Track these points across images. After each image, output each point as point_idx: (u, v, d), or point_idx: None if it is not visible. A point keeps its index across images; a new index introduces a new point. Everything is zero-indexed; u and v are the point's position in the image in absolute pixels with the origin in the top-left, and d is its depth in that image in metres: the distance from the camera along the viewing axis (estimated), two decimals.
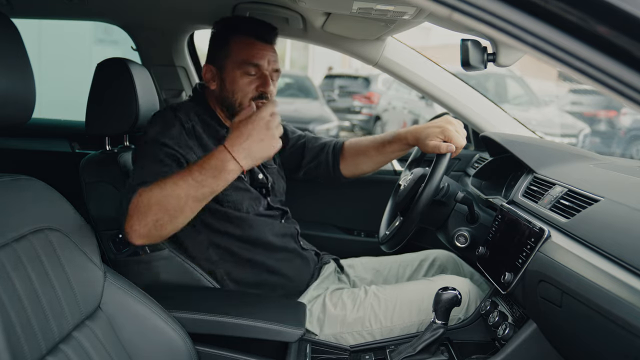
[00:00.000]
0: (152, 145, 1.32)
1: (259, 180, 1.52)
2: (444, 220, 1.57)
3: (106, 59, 1.57)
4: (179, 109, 1.43)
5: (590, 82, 0.55)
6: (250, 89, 1.45)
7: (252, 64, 1.44)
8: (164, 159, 1.29)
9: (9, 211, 0.89)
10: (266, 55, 1.47)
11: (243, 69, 1.44)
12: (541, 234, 1.14)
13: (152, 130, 1.36)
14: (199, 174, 1.15)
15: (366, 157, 1.66)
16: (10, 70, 0.89)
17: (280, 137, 1.65)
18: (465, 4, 0.55)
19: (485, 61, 1.33)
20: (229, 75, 1.46)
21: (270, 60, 1.47)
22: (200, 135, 1.42)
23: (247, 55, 1.45)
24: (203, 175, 1.15)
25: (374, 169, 1.69)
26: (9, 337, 0.77)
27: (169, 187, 1.15)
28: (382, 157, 1.64)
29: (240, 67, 1.44)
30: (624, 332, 0.82)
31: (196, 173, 1.15)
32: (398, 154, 1.64)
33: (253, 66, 1.44)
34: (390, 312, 1.40)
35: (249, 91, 1.45)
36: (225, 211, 1.42)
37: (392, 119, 9.59)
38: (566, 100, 9.34)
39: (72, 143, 2.36)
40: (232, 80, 1.46)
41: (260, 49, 1.47)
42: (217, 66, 1.48)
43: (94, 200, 1.53)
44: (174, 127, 1.37)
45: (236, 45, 1.46)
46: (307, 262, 1.54)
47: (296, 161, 1.71)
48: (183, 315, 1.17)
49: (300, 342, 1.29)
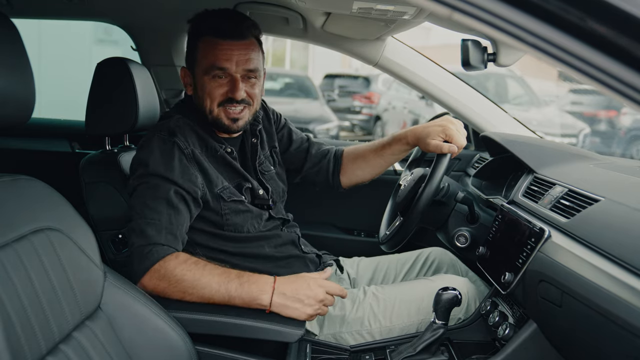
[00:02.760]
0: (155, 179, 1.27)
1: (259, 197, 1.45)
2: (444, 220, 1.57)
3: (106, 58, 1.57)
4: (176, 132, 1.33)
5: (590, 82, 0.55)
6: (218, 94, 1.35)
7: (218, 67, 1.33)
8: (172, 198, 1.25)
9: (9, 211, 0.89)
10: (233, 56, 1.33)
11: (210, 74, 1.34)
12: (541, 234, 1.14)
13: (152, 161, 1.28)
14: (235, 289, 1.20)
15: (365, 162, 1.63)
16: (10, 70, 0.89)
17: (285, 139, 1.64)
18: (465, 4, 0.55)
19: (486, 61, 1.34)
20: (199, 80, 1.37)
21: (239, 60, 1.34)
22: (200, 160, 1.34)
23: (212, 58, 1.33)
24: (237, 293, 1.19)
25: (373, 175, 1.66)
26: (8, 337, 0.77)
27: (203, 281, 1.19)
28: (381, 160, 1.61)
29: (207, 72, 1.35)
30: (624, 332, 0.81)
31: (233, 286, 1.20)
32: (398, 157, 1.61)
33: (219, 69, 1.33)
34: (390, 312, 1.40)
35: (217, 96, 1.35)
36: (224, 234, 1.39)
37: (392, 119, 9.58)
38: (566, 100, 9.34)
39: (72, 143, 2.36)
40: (201, 86, 1.37)
41: (227, 49, 1.33)
42: (191, 71, 1.40)
43: (94, 200, 1.53)
44: (174, 157, 1.29)
45: (202, 48, 1.36)
46: (307, 266, 1.53)
47: (298, 165, 1.69)
48: (183, 315, 1.17)
49: (300, 342, 1.29)
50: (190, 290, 1.19)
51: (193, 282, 1.19)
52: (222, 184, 1.37)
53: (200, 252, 1.37)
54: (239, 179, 1.42)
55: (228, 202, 1.36)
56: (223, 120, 1.38)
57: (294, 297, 1.20)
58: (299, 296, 1.20)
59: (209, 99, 1.36)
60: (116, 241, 1.58)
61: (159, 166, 1.27)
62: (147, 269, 1.18)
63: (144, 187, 1.27)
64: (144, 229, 1.21)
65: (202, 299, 1.20)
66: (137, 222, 1.23)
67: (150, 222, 1.22)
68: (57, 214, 0.99)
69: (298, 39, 1.98)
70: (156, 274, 1.19)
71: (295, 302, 1.20)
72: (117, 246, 1.59)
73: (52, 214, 0.98)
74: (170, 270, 1.19)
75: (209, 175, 1.35)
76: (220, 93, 1.36)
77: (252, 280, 1.21)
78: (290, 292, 1.20)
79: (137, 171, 1.31)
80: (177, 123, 1.36)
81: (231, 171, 1.42)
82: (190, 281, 1.19)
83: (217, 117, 1.37)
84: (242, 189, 1.41)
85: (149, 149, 1.31)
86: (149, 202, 1.24)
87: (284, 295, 1.20)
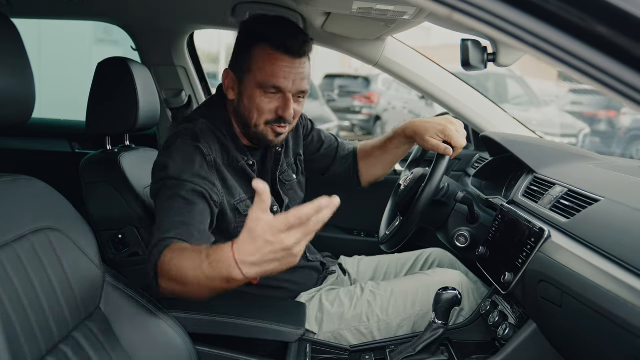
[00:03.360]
0: (173, 182, 1.20)
1: (273, 212, 1.35)
2: (444, 220, 1.57)
3: (107, 58, 1.57)
4: (199, 138, 1.27)
5: (590, 82, 0.55)
6: (268, 110, 1.29)
7: (274, 85, 1.26)
8: (188, 195, 1.17)
9: (9, 211, 0.89)
10: (291, 75, 1.27)
11: (262, 88, 1.27)
12: (541, 234, 1.14)
13: (171, 164, 1.22)
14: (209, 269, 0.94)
15: (375, 159, 1.65)
16: (10, 70, 0.89)
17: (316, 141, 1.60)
18: (465, 4, 0.55)
19: (485, 61, 1.34)
20: (247, 90, 1.29)
21: (295, 80, 1.27)
22: (221, 169, 1.29)
23: (270, 74, 1.26)
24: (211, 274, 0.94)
25: (385, 171, 1.67)
26: (8, 337, 0.77)
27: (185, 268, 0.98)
28: (388, 155, 1.62)
29: (261, 86, 1.27)
30: (624, 332, 0.82)
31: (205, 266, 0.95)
32: (401, 149, 1.60)
33: (275, 87, 1.27)
34: (386, 305, 1.40)
35: (266, 113, 1.29)
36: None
37: (392, 119, 9.58)
38: (566, 100, 9.34)
39: (72, 143, 2.36)
40: (249, 97, 1.29)
41: (286, 66, 1.26)
42: (237, 75, 1.32)
43: (94, 201, 1.53)
44: (196, 162, 1.23)
45: (259, 58, 1.27)
46: (311, 274, 1.53)
47: (325, 165, 1.68)
48: (183, 315, 1.17)
49: (300, 342, 1.29)
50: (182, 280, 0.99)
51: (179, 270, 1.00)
52: (239, 196, 1.32)
53: None
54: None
55: (243, 216, 1.31)
56: (268, 136, 1.33)
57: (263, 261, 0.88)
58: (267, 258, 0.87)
59: (257, 113, 1.30)
60: (116, 241, 1.58)
61: (179, 170, 1.21)
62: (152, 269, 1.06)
63: (163, 191, 1.21)
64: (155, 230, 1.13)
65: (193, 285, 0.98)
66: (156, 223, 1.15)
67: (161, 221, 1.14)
68: (57, 214, 0.99)
69: None
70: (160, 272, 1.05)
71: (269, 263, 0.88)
72: (117, 246, 1.59)
73: (52, 214, 0.98)
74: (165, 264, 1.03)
75: (228, 186, 1.30)
76: (270, 109, 1.29)
77: (217, 259, 0.93)
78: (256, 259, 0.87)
79: (156, 175, 1.26)
80: (202, 127, 1.31)
81: (249, 184, 1.32)
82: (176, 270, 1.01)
83: (263, 132, 1.33)
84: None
85: (170, 152, 1.26)
86: (166, 202, 1.18)
87: (252, 265, 0.88)
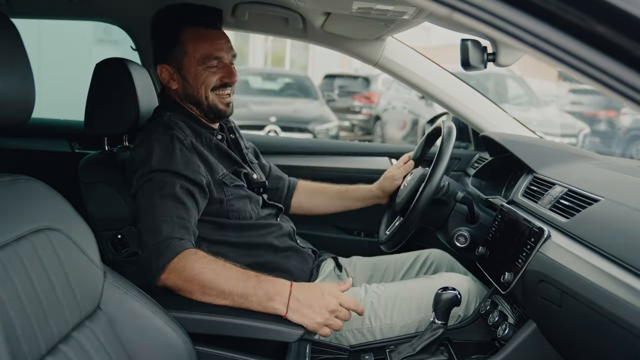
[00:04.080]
0: (159, 175, 1.27)
1: (254, 181, 1.51)
2: (444, 220, 1.57)
3: (105, 59, 1.56)
4: (172, 126, 1.37)
5: (590, 82, 0.54)
6: (213, 80, 1.42)
7: (214, 57, 1.41)
8: (179, 194, 1.26)
9: (9, 211, 0.89)
10: (223, 44, 1.43)
11: (205, 64, 1.40)
12: (541, 234, 1.14)
13: (153, 156, 1.29)
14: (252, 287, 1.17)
15: (322, 196, 1.75)
16: (10, 70, 0.89)
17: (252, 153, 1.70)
18: (465, 4, 0.55)
19: (485, 61, 1.34)
20: (190, 72, 1.41)
21: (226, 48, 1.43)
22: (199, 149, 1.38)
23: (207, 50, 1.40)
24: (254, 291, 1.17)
25: (326, 210, 1.77)
26: (8, 337, 0.77)
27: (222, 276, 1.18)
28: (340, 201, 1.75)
29: (202, 63, 1.40)
30: (623, 332, 0.82)
31: (252, 283, 1.18)
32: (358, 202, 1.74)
33: (215, 59, 1.41)
34: (390, 310, 1.40)
35: (212, 82, 1.42)
36: (229, 222, 1.41)
37: (391, 119, 9.57)
38: (566, 100, 9.34)
39: (72, 143, 2.36)
40: (194, 76, 1.41)
41: (216, 38, 1.42)
42: (174, 65, 1.42)
43: (93, 201, 1.53)
44: (175, 148, 1.32)
45: (190, 41, 1.40)
46: (305, 259, 1.54)
47: None
48: (183, 315, 1.17)
49: (300, 342, 1.29)
50: (210, 285, 1.16)
51: (212, 275, 1.17)
52: (222, 171, 1.41)
53: (204, 247, 1.36)
54: (235, 165, 1.47)
55: (231, 188, 1.40)
56: (218, 105, 1.45)
57: (306, 304, 1.16)
58: (311, 303, 1.16)
59: (204, 87, 1.42)
60: (115, 241, 1.58)
61: (161, 160, 1.29)
62: (165, 264, 1.17)
63: (150, 185, 1.27)
64: (156, 227, 1.21)
65: (222, 293, 1.16)
66: (148, 221, 1.23)
67: (162, 220, 1.22)
68: (56, 214, 0.99)
69: (298, 39, 1.98)
70: (175, 269, 1.17)
71: (306, 308, 1.16)
72: (117, 246, 1.59)
73: (52, 214, 0.98)
74: (190, 265, 1.17)
75: (210, 164, 1.38)
76: (216, 79, 1.42)
77: (270, 281, 1.19)
78: (303, 299, 1.17)
79: (138, 170, 1.31)
80: (170, 118, 1.40)
81: (226, 158, 1.46)
82: (209, 275, 1.16)
83: (213, 103, 1.44)
84: (239, 175, 1.45)
85: (147, 145, 1.32)
86: (157, 200, 1.24)
87: (298, 301, 1.16)
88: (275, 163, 1.83)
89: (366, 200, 1.74)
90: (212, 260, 1.20)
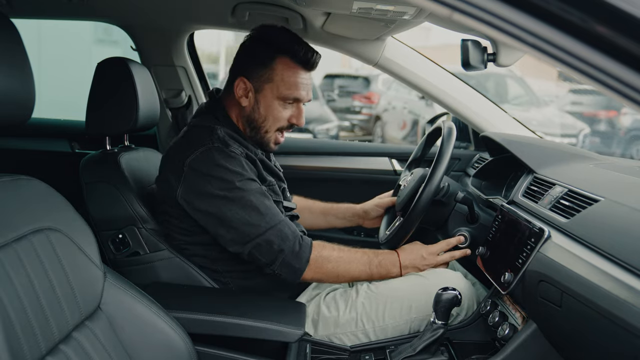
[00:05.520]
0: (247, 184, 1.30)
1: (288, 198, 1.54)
2: (444, 220, 1.57)
3: (106, 58, 1.56)
4: (227, 142, 1.33)
5: (590, 82, 0.54)
6: (284, 118, 1.39)
7: (296, 98, 1.38)
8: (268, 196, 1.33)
9: (9, 211, 0.89)
10: (308, 87, 1.39)
11: (283, 100, 1.37)
12: (541, 234, 1.14)
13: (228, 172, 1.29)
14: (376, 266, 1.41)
15: (309, 213, 1.76)
16: (10, 70, 0.89)
17: None
18: (465, 4, 0.55)
19: (485, 61, 1.33)
20: (265, 99, 1.37)
21: (309, 91, 1.40)
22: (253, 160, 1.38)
23: (292, 87, 1.36)
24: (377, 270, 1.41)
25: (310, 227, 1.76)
26: (8, 338, 0.77)
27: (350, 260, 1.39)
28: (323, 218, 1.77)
29: (282, 98, 1.37)
30: (623, 332, 0.81)
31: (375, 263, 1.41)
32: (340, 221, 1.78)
33: (294, 99, 1.38)
34: (382, 311, 1.40)
35: (281, 121, 1.39)
36: None
37: (392, 119, 9.57)
38: (566, 100, 9.34)
39: (72, 143, 2.36)
40: (267, 106, 1.38)
41: (305, 79, 1.38)
42: (255, 85, 1.38)
43: (94, 201, 1.53)
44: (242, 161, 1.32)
45: (281, 71, 1.35)
46: None
47: None
48: (183, 315, 1.17)
49: (300, 342, 1.29)
50: (343, 271, 1.36)
51: (342, 263, 1.36)
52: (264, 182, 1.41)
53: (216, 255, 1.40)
54: (278, 180, 1.49)
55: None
56: (271, 144, 1.44)
57: (412, 266, 1.43)
58: (416, 264, 1.44)
59: (272, 121, 1.39)
60: (116, 241, 1.58)
61: (239, 172, 1.30)
62: (308, 260, 1.31)
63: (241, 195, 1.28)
64: (280, 232, 1.29)
65: (351, 278, 1.40)
66: (267, 230, 1.28)
67: (278, 223, 1.29)
68: (57, 214, 0.99)
69: None
70: (315, 262, 1.32)
71: (414, 269, 1.44)
72: (117, 246, 1.58)
73: (52, 214, 0.98)
74: (325, 256, 1.34)
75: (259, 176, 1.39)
76: (285, 117, 1.40)
77: (385, 257, 1.42)
78: (409, 262, 1.43)
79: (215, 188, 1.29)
80: (226, 135, 1.36)
81: (270, 173, 1.45)
82: (340, 262, 1.35)
83: (269, 139, 1.42)
84: (279, 189, 1.47)
85: (213, 164, 1.29)
86: (261, 207, 1.29)
87: (406, 267, 1.43)
88: None
89: (349, 219, 1.77)
90: (337, 249, 1.38)
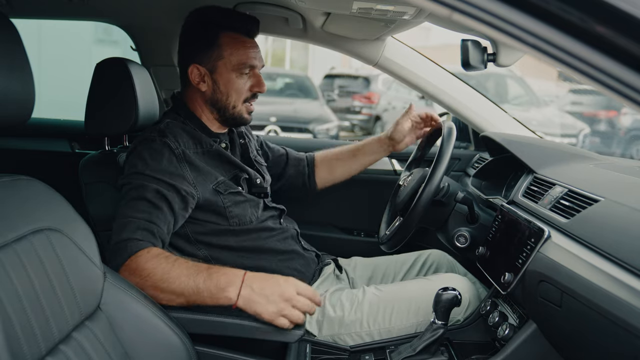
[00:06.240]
0: (140, 178, 1.28)
1: (257, 186, 1.50)
2: (444, 220, 1.57)
3: (105, 58, 1.56)
4: (166, 133, 1.35)
5: (590, 83, 0.55)
6: (245, 89, 1.44)
7: (250, 65, 1.42)
8: (152, 197, 1.26)
9: (9, 211, 0.89)
10: (257, 53, 1.45)
11: (239, 71, 1.42)
12: (541, 234, 1.14)
13: (140, 161, 1.31)
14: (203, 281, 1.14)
15: (340, 162, 1.76)
16: (10, 70, 0.89)
17: (265, 149, 1.75)
18: (465, 4, 0.55)
19: (485, 61, 1.33)
20: (222, 76, 1.42)
21: (259, 57, 1.45)
22: (191, 160, 1.36)
23: (244, 56, 1.41)
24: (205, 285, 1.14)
25: (345, 176, 1.77)
26: (8, 338, 0.77)
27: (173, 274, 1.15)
28: (355, 160, 1.76)
29: (237, 69, 1.41)
30: (623, 332, 0.81)
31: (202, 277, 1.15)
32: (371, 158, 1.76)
33: (250, 67, 1.43)
34: (389, 313, 1.40)
35: (244, 92, 1.44)
36: (229, 228, 1.41)
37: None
38: (566, 100, 9.35)
39: (72, 143, 2.36)
40: (226, 82, 1.42)
41: (253, 47, 1.44)
42: (208, 67, 1.42)
43: (94, 201, 1.53)
44: (164, 157, 1.31)
45: (228, 45, 1.40)
46: (308, 263, 1.54)
47: (279, 169, 1.76)
48: (183, 315, 1.17)
49: (300, 343, 1.28)
50: (162, 284, 1.14)
51: (163, 275, 1.14)
52: (216, 179, 1.40)
53: (204, 251, 1.39)
54: (235, 170, 1.46)
55: (226, 195, 1.40)
56: (243, 115, 1.47)
57: (260, 293, 1.12)
58: (265, 291, 1.12)
59: (236, 95, 1.43)
60: None
61: (146, 165, 1.30)
62: (120, 264, 1.17)
63: (128, 187, 1.29)
64: (121, 227, 1.22)
65: (173, 293, 1.15)
66: (117, 221, 1.25)
67: (127, 221, 1.23)
68: (56, 215, 0.99)
69: (298, 39, 1.98)
70: (128, 268, 1.16)
71: (260, 297, 1.12)
72: None
73: (52, 214, 0.98)
74: (141, 265, 1.16)
75: (202, 173, 1.37)
76: (247, 89, 1.44)
77: (222, 272, 1.16)
78: (257, 287, 1.13)
79: (124, 172, 1.34)
80: (167, 125, 1.39)
81: (227, 164, 1.46)
82: (160, 274, 1.14)
83: (239, 112, 1.46)
84: (239, 180, 1.45)
85: (137, 150, 1.34)
86: (130, 202, 1.26)
87: (251, 289, 1.13)
88: None
89: (381, 151, 1.76)
90: (163, 259, 1.17)
